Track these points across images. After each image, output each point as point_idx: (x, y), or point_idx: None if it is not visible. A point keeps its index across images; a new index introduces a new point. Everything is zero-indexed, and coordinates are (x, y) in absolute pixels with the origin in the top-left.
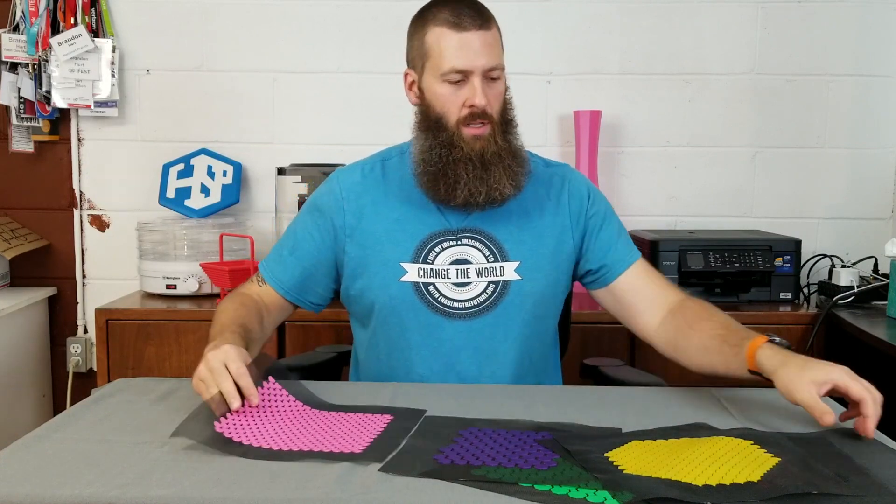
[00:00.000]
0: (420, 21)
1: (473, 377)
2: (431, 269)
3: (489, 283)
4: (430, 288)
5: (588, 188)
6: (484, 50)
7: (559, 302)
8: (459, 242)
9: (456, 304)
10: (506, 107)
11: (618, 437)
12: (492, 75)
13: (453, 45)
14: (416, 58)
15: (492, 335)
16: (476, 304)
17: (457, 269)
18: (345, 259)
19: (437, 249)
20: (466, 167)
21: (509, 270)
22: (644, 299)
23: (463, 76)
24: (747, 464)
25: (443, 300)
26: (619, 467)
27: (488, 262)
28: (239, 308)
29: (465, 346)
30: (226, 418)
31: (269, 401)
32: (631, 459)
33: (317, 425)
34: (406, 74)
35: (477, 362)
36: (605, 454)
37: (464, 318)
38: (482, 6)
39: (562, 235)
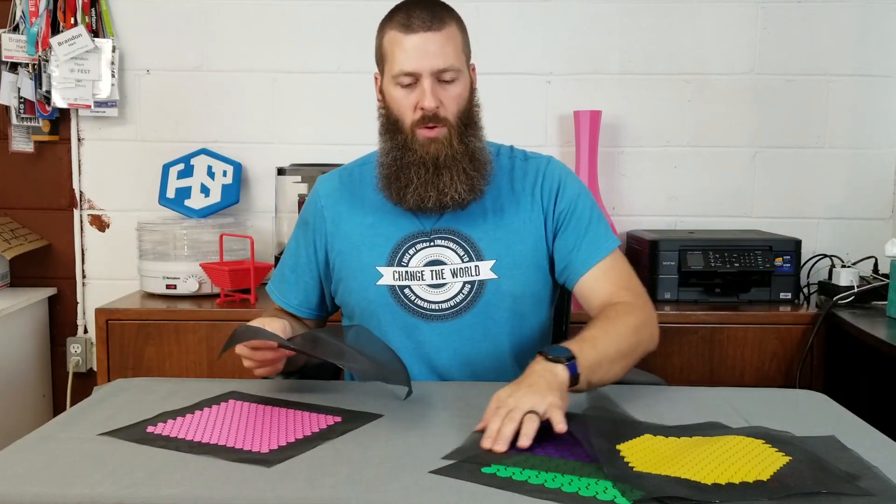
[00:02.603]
0: (381, 24)
1: (454, 378)
2: (406, 272)
3: (465, 283)
4: (406, 290)
5: (560, 181)
6: (434, 52)
7: (544, 298)
8: (433, 244)
9: (432, 306)
10: (469, 109)
11: (633, 427)
12: (444, 77)
13: (403, 48)
14: (378, 61)
15: (471, 336)
16: (453, 304)
17: (431, 271)
18: (330, 265)
19: (410, 252)
20: (418, 171)
21: (485, 269)
22: (594, 303)
23: (413, 79)
24: (757, 462)
25: (419, 302)
26: (629, 464)
27: (463, 261)
28: (275, 311)
29: (444, 348)
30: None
31: (228, 411)
32: (641, 456)
33: (257, 423)
34: (375, 77)
35: (457, 363)
36: (617, 446)
37: (441, 320)
38: (439, 7)
39: (538, 231)
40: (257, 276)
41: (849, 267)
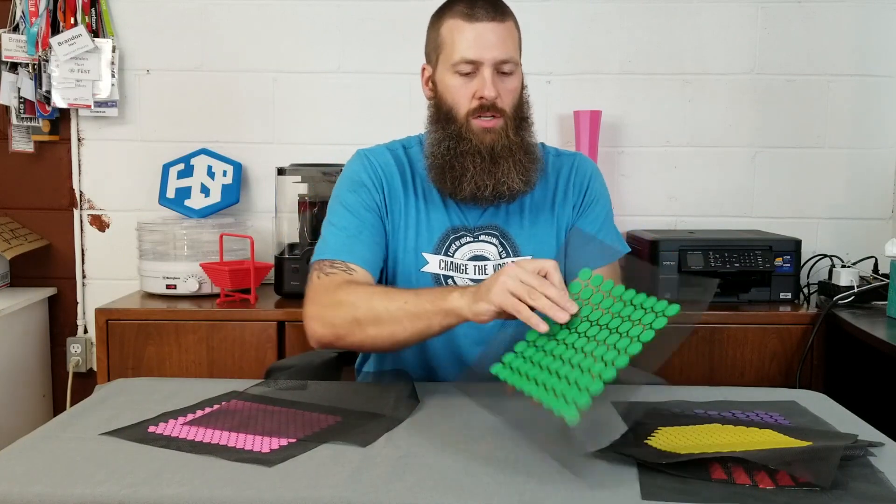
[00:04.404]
0: (438, 14)
1: (482, 372)
2: (451, 263)
3: None
4: (449, 281)
5: (590, 179)
6: (496, 42)
7: None
8: (477, 239)
9: None
10: (521, 104)
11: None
12: (503, 69)
13: (465, 36)
14: (432, 51)
15: (504, 330)
16: None
17: (475, 266)
18: (387, 233)
19: (456, 244)
20: (474, 160)
21: None
22: None
23: (474, 67)
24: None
25: None
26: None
27: (501, 257)
28: (343, 284)
29: (480, 341)
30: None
31: (231, 409)
32: (668, 440)
33: (258, 423)
34: (423, 69)
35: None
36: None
37: None
38: (500, 1)
39: (568, 227)
40: (257, 276)
41: (849, 267)
